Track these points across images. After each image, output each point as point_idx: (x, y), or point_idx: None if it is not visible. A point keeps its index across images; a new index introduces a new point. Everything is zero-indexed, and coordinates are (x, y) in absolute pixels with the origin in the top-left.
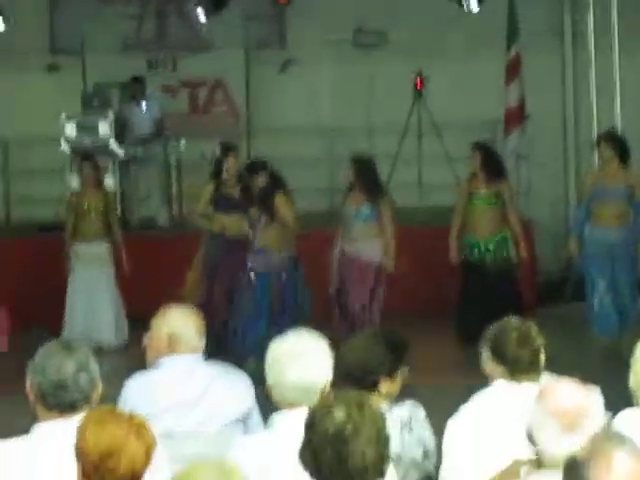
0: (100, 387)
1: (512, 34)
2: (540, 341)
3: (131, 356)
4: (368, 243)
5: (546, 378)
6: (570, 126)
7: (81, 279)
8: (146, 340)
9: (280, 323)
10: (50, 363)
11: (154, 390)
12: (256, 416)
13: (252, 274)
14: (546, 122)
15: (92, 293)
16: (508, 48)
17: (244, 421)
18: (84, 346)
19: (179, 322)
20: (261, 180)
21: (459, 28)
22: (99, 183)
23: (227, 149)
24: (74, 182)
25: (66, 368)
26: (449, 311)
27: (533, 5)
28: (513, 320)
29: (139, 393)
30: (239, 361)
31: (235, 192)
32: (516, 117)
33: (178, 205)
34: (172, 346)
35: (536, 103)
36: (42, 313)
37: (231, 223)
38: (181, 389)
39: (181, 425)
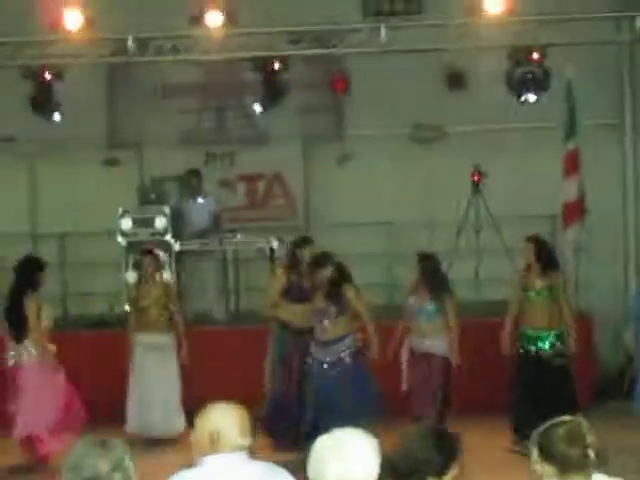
0: None
1: (570, 127)
2: (591, 438)
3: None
4: (434, 339)
5: (599, 478)
6: (630, 220)
7: (141, 370)
8: (192, 438)
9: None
10: (85, 462)
11: None
12: None
13: (320, 364)
14: (606, 215)
15: (151, 384)
16: (566, 141)
17: None
18: (120, 444)
19: (222, 420)
20: (326, 272)
21: (517, 121)
22: (159, 276)
23: (304, 241)
24: (131, 277)
25: (101, 466)
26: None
27: (593, 98)
28: (563, 417)
29: None
30: None
31: (307, 283)
32: (575, 211)
33: (235, 299)
34: (214, 444)
35: (596, 197)
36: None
37: (302, 312)
38: None
39: None
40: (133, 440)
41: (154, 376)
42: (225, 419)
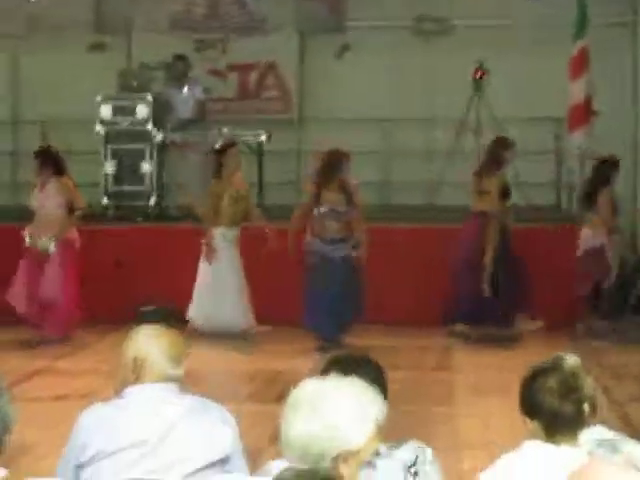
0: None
1: (580, 26)
2: (588, 389)
3: None
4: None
5: (598, 431)
6: None
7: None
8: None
9: None
10: None
11: (111, 425)
12: (238, 463)
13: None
14: (616, 120)
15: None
16: (575, 40)
17: (221, 468)
18: None
19: (148, 344)
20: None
21: (525, 18)
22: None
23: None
24: (109, 167)
25: None
26: None
27: None
28: (555, 358)
29: (94, 427)
30: None
31: None
32: (582, 114)
33: None
34: (138, 373)
35: (605, 101)
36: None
37: None
38: (141, 426)
39: (136, 471)
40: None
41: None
42: (152, 344)
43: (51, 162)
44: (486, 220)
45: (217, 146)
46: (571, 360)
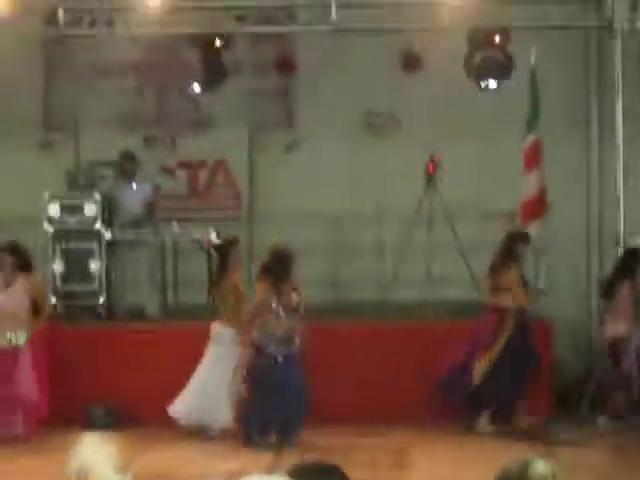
0: None
1: (533, 118)
2: None
3: None
4: None
5: None
6: (594, 221)
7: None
8: None
9: None
10: None
11: None
12: None
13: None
14: (569, 214)
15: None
16: (528, 132)
17: None
18: None
19: (92, 453)
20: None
21: (476, 111)
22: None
23: None
24: (58, 267)
25: None
26: None
27: (556, 87)
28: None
29: None
30: None
31: None
32: (536, 207)
33: (173, 292)
34: None
35: (559, 194)
36: None
37: None
38: None
39: None
40: None
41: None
42: (97, 452)
43: (18, 257)
44: (503, 315)
45: (217, 242)
46: (542, 467)
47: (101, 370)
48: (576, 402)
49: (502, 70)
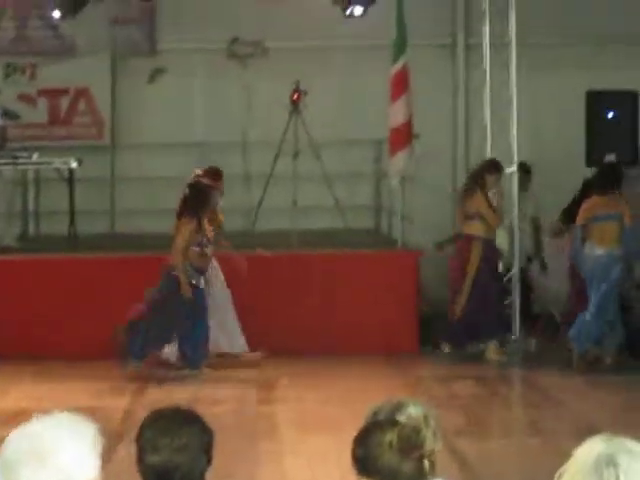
0: None
1: (399, 45)
2: (430, 444)
3: None
4: None
5: None
6: (460, 149)
7: None
8: None
9: None
10: None
11: None
12: None
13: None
14: (436, 142)
15: None
16: (394, 61)
17: None
18: None
19: None
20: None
21: (343, 38)
22: None
23: None
24: None
25: None
26: None
27: (423, 15)
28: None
29: None
30: None
31: None
32: (403, 136)
33: (34, 223)
34: None
35: (426, 122)
36: None
37: None
38: None
39: None
40: None
41: None
42: None
43: None
44: (470, 244)
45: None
46: (413, 411)
47: None
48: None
49: None
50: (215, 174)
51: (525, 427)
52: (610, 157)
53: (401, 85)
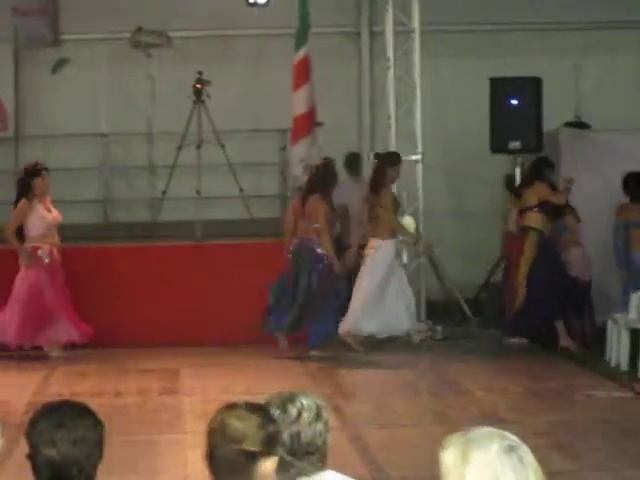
0: None
1: (302, 34)
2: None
3: None
4: None
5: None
6: (366, 134)
7: None
8: None
9: None
10: None
11: None
12: None
13: None
14: (341, 130)
15: None
16: (297, 49)
17: None
18: None
19: None
20: None
21: (247, 27)
22: None
23: None
24: None
25: None
26: None
27: (328, 3)
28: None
29: None
30: None
31: None
32: (305, 124)
33: None
34: None
35: (330, 110)
36: None
37: None
38: None
39: None
40: None
41: None
42: None
43: None
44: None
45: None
46: (305, 402)
47: None
48: None
49: None
50: None
51: (430, 415)
52: (515, 144)
53: (304, 74)
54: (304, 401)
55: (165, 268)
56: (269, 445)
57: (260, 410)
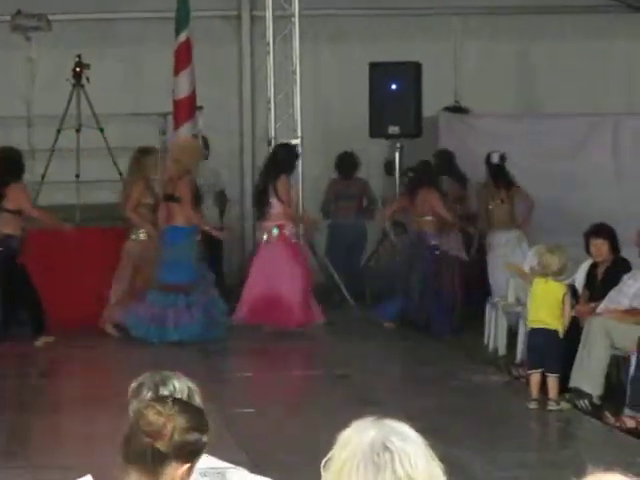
0: None
1: (182, 18)
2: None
3: None
4: None
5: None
6: (247, 118)
7: None
8: None
9: None
10: None
11: None
12: None
13: None
14: (221, 115)
15: None
16: (177, 33)
17: None
18: None
19: None
20: None
21: (127, 10)
22: None
23: None
24: None
25: None
26: None
27: None
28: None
29: None
30: None
31: None
32: (186, 109)
33: None
34: None
35: (211, 94)
36: None
37: None
38: None
39: None
40: None
41: None
42: None
43: None
44: None
45: None
46: (177, 385)
47: None
48: None
49: None
50: None
51: (306, 401)
52: (394, 129)
53: (184, 58)
54: (176, 384)
55: (45, 252)
56: (187, 453)
57: (191, 413)
